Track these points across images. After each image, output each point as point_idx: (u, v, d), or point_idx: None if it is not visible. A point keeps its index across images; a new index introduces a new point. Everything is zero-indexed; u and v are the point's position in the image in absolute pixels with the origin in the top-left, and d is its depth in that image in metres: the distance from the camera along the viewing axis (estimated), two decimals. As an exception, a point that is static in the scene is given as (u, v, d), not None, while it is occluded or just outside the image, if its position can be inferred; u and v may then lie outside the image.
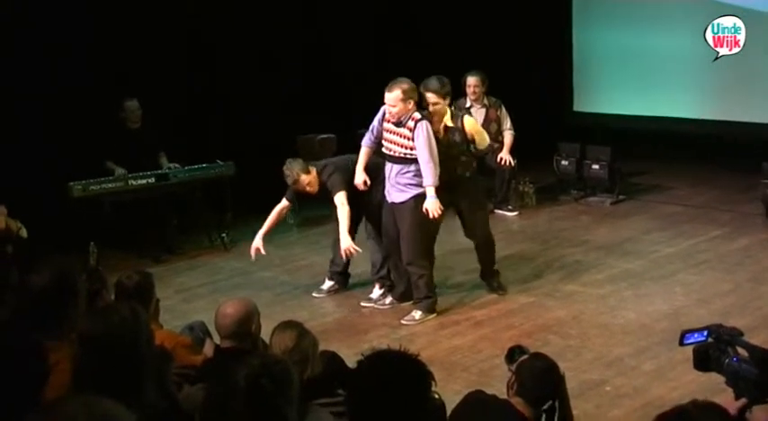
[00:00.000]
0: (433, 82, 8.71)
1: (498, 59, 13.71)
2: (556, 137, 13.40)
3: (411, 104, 8.52)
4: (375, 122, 8.81)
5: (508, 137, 11.96)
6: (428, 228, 8.73)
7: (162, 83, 12.05)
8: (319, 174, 9.11)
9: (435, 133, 8.56)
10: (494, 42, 14.47)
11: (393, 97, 8.50)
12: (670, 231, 11.20)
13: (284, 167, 9.17)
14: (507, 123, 12.01)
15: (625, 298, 9.12)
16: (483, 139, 9.05)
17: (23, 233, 8.80)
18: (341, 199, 8.88)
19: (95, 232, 10.32)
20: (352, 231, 9.14)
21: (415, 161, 8.51)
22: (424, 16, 14.51)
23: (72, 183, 10.16)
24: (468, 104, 11.98)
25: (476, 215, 9.11)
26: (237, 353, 4.73)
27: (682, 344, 3.90)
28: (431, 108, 8.66)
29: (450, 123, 8.74)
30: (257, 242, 9.27)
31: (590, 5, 15.30)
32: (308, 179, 9.08)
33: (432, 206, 8.43)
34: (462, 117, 8.94)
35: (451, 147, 8.75)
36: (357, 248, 8.95)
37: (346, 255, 9.01)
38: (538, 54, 15.00)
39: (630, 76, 14.82)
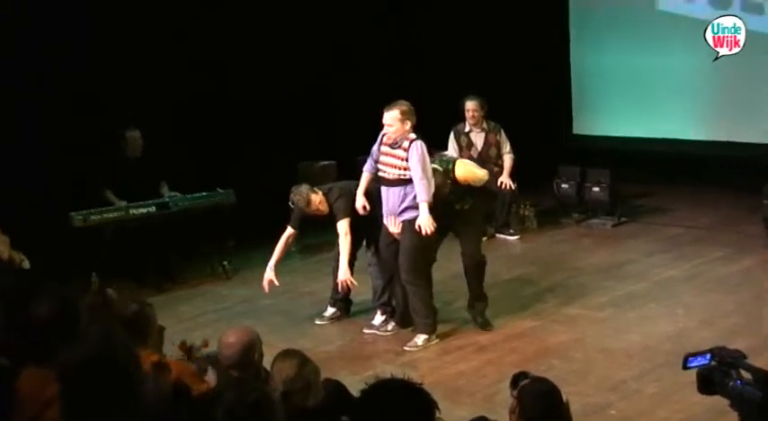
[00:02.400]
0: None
1: (497, 83, 13.73)
2: (556, 160, 13.40)
3: (408, 125, 8.56)
4: (374, 147, 8.84)
5: (508, 161, 11.99)
6: (426, 250, 8.73)
7: (162, 112, 12.06)
8: (326, 195, 9.14)
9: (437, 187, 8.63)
10: (492, 66, 14.49)
11: (391, 116, 8.55)
12: (672, 253, 11.19)
13: (292, 195, 9.21)
14: (507, 147, 12.04)
15: (628, 320, 9.11)
16: (480, 179, 9.04)
17: (26, 264, 8.80)
18: (344, 228, 8.92)
19: (97, 262, 10.32)
20: (353, 257, 9.17)
21: (410, 182, 8.53)
22: (423, 41, 14.54)
23: (73, 214, 10.17)
24: (467, 129, 12.01)
25: (468, 234, 9.07)
26: (240, 383, 4.73)
27: (685, 367, 3.89)
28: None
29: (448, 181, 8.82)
30: (269, 274, 9.28)
31: (587, 28, 15.33)
32: (318, 198, 9.12)
33: (425, 222, 8.43)
34: (454, 168, 8.92)
35: (451, 195, 8.83)
36: (354, 281, 9.02)
37: (342, 286, 9.04)
38: (536, 78, 15.01)
39: (629, 98, 14.85)
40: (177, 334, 8.67)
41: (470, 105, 11.96)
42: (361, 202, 8.94)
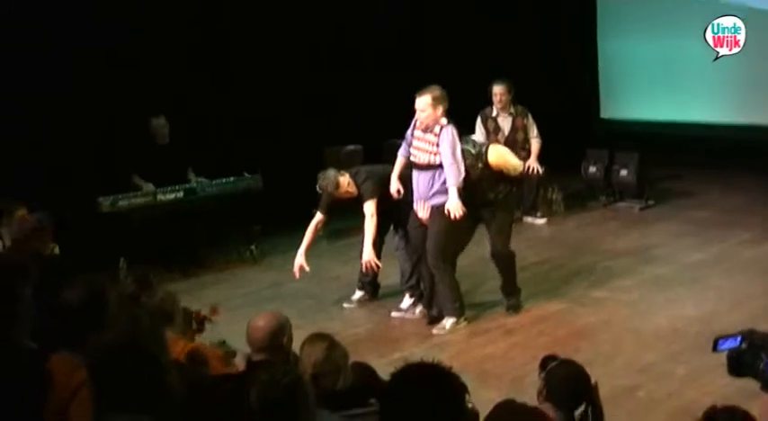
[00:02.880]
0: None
1: (525, 67, 13.70)
2: (583, 143, 13.36)
3: (440, 111, 8.55)
4: (408, 132, 8.85)
5: (535, 144, 11.95)
6: (455, 235, 8.73)
7: (188, 98, 12.09)
8: (353, 177, 9.15)
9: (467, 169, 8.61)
10: (520, 51, 14.46)
11: (423, 102, 8.56)
12: (699, 236, 11.15)
13: (319, 181, 9.20)
14: (534, 131, 12.00)
15: (656, 303, 9.09)
16: (513, 168, 8.97)
17: (56, 250, 8.83)
18: (370, 209, 8.93)
19: (124, 247, 10.37)
20: (378, 242, 9.19)
21: (440, 167, 8.53)
22: (451, 25, 14.50)
23: (101, 199, 10.21)
24: (494, 113, 11.98)
25: (498, 226, 8.99)
26: (265, 366, 4.74)
27: (715, 350, 3.88)
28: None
29: (480, 165, 8.76)
30: (300, 259, 9.32)
31: (615, 12, 15.28)
32: (346, 181, 9.12)
33: (454, 207, 8.43)
34: (486, 152, 8.90)
35: (482, 181, 8.77)
36: (378, 263, 9.06)
37: (366, 267, 9.06)
38: (564, 61, 14.98)
39: (657, 81, 14.80)
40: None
41: (497, 89, 11.93)
42: (395, 186, 8.95)
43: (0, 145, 10.45)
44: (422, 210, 8.74)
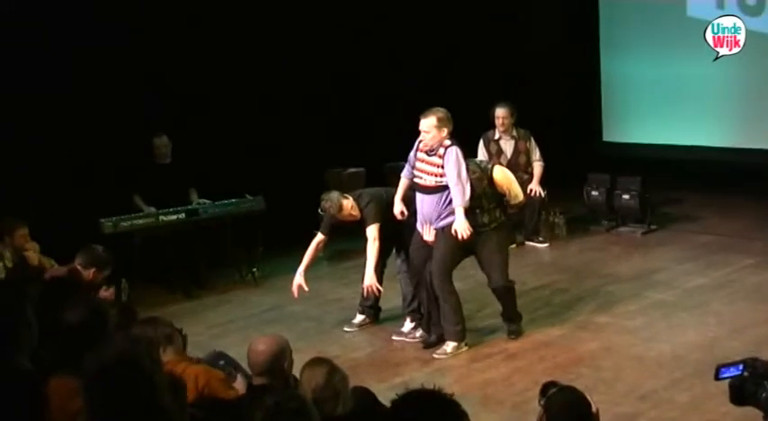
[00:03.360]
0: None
1: (527, 90, 13.72)
2: (585, 167, 13.35)
3: (445, 132, 8.56)
4: (411, 154, 8.84)
5: (537, 168, 11.96)
6: (459, 255, 8.73)
7: (191, 119, 12.12)
8: (356, 200, 9.13)
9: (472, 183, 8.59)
10: (522, 73, 14.48)
11: (428, 123, 8.56)
12: (702, 261, 11.11)
13: (322, 202, 9.20)
14: (537, 154, 12.00)
15: (658, 329, 9.06)
16: (515, 194, 8.94)
17: (55, 270, 8.83)
18: (373, 233, 8.92)
19: (126, 268, 10.36)
20: (380, 265, 9.17)
21: (446, 189, 8.53)
22: (453, 49, 14.53)
23: (103, 220, 10.21)
24: (497, 136, 11.98)
25: (493, 262, 8.86)
26: (270, 391, 4.72)
27: (717, 378, 3.87)
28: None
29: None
30: (299, 279, 9.29)
31: (617, 35, 15.29)
32: (349, 204, 9.09)
33: (461, 227, 8.41)
34: (492, 169, 8.90)
35: (484, 199, 8.74)
36: (379, 287, 9.04)
37: (368, 291, 9.05)
38: (566, 85, 14.99)
39: (659, 105, 14.80)
40: (206, 340, 8.76)
41: (500, 112, 11.93)
42: (399, 208, 8.94)
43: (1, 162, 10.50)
44: (427, 234, 8.72)
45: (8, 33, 10.68)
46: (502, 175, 8.88)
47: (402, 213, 8.94)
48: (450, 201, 8.51)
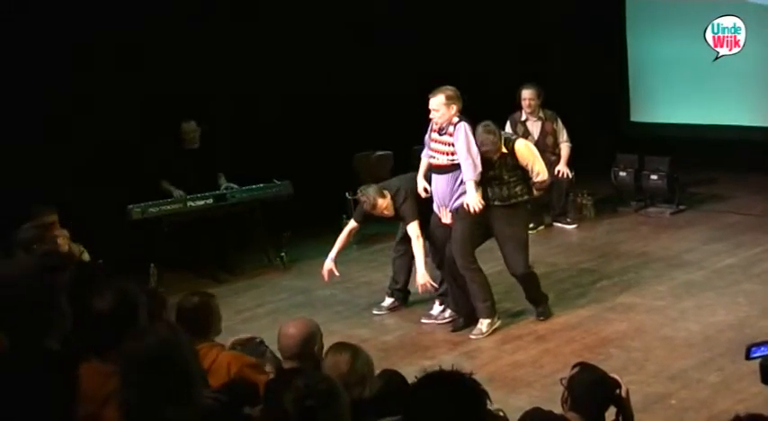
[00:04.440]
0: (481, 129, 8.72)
1: (553, 71, 13.66)
2: (613, 148, 13.30)
3: (454, 110, 8.57)
4: (426, 135, 8.87)
5: (565, 149, 11.92)
6: (478, 231, 8.71)
7: (219, 104, 12.14)
8: (393, 197, 9.13)
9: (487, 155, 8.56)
10: (548, 54, 14.42)
11: (436, 101, 8.58)
12: (731, 241, 11.06)
13: (359, 194, 9.24)
14: (564, 136, 11.96)
15: (687, 309, 9.03)
16: (538, 171, 8.77)
17: (86, 256, 8.87)
18: (415, 231, 8.92)
19: (155, 254, 10.42)
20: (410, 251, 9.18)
21: (459, 167, 8.54)
22: (479, 30, 14.47)
23: (131, 206, 10.24)
24: (523, 117, 11.95)
25: (509, 247, 8.82)
26: (299, 373, 4.73)
27: (748, 357, 3.87)
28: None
29: (504, 150, 8.68)
30: (329, 264, 9.32)
31: (643, 13, 15.19)
32: (385, 203, 9.10)
33: (473, 201, 8.43)
34: (514, 142, 8.82)
35: (504, 171, 8.70)
36: (434, 284, 9.02)
37: (423, 289, 9.05)
38: (593, 65, 14.92)
39: (687, 84, 14.69)
40: (236, 325, 8.78)
41: (526, 94, 11.90)
42: (422, 185, 8.96)
43: (30, 150, 10.53)
44: (445, 216, 8.73)
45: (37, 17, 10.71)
46: (525, 149, 8.78)
47: (426, 190, 8.95)
48: (463, 182, 8.53)
